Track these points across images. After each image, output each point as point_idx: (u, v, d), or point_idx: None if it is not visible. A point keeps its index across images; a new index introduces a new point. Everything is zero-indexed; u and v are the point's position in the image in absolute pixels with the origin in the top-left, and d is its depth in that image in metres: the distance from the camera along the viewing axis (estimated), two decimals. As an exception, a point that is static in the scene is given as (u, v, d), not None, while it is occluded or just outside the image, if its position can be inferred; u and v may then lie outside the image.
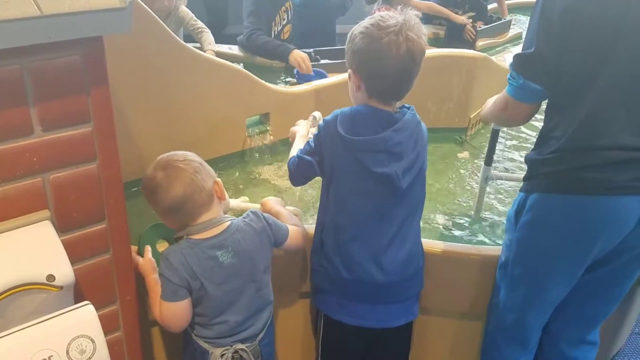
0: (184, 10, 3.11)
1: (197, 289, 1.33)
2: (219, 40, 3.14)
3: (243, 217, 1.43)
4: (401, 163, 1.38)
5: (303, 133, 1.65)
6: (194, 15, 3.13)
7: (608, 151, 1.30)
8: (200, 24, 3.11)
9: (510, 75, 1.44)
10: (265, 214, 1.46)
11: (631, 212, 1.33)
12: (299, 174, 1.51)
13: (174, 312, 1.33)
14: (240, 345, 1.39)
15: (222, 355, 1.37)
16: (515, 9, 4.73)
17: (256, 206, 1.69)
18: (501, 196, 2.25)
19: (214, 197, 1.37)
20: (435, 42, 3.88)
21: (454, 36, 3.87)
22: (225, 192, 1.44)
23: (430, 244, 1.65)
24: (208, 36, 3.07)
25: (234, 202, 1.79)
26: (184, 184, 1.31)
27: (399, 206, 1.43)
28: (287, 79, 2.86)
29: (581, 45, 1.29)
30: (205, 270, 1.33)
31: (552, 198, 1.38)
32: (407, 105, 1.46)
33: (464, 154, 2.64)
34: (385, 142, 1.37)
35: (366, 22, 1.36)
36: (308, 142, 1.48)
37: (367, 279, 1.45)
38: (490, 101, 1.66)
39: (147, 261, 1.40)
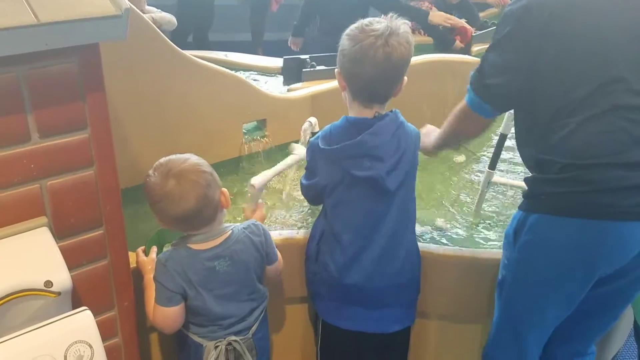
0: (148, 9, 3.10)
1: (192, 296, 1.34)
2: (203, 46, 3.11)
3: (244, 227, 1.42)
4: (384, 165, 1.40)
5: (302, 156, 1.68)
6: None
7: (617, 172, 1.23)
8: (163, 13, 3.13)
9: (470, 89, 1.42)
10: (266, 228, 1.47)
11: (636, 237, 1.28)
12: (310, 197, 1.56)
13: (167, 316, 1.33)
14: (234, 337, 1.39)
15: (215, 347, 1.37)
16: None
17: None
18: (502, 196, 2.25)
19: (219, 208, 1.36)
20: (424, 49, 3.88)
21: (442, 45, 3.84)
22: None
23: (427, 247, 1.66)
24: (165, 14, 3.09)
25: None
26: (198, 198, 1.27)
27: (389, 211, 1.44)
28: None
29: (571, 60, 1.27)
30: (202, 279, 1.34)
31: (554, 220, 1.31)
32: (393, 110, 1.46)
33: (461, 158, 2.65)
34: (362, 146, 1.39)
35: (354, 25, 1.39)
36: (306, 165, 1.53)
37: (360, 283, 1.47)
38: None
39: (149, 261, 1.41)
